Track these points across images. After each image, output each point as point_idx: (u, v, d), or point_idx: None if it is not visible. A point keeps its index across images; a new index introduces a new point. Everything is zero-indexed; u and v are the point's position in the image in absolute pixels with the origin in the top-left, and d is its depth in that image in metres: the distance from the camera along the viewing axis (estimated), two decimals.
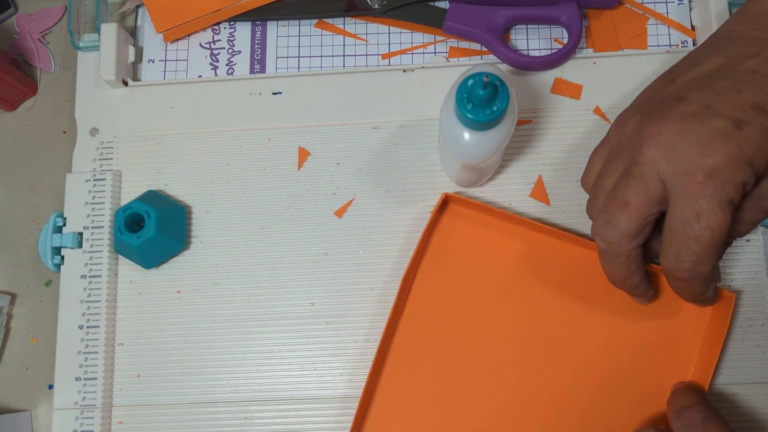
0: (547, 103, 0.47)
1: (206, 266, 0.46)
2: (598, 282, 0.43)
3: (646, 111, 0.36)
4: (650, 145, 0.35)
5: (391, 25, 0.50)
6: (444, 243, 0.45)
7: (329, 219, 0.46)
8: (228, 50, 0.50)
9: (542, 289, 0.44)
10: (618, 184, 0.36)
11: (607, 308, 0.44)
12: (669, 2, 0.49)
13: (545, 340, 0.43)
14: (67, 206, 0.47)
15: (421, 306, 0.44)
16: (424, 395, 0.43)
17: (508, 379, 0.43)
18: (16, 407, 0.47)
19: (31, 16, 0.54)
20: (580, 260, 0.44)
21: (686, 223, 0.34)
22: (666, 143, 0.34)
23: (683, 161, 0.33)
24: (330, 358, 0.45)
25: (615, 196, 0.36)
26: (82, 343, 0.45)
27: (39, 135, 0.52)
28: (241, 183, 0.47)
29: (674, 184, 0.34)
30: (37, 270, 0.49)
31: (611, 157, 0.38)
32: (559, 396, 0.43)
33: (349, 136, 0.47)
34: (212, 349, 0.45)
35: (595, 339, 0.43)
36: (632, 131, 0.36)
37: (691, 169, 0.33)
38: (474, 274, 0.44)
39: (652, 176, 0.35)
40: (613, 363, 0.43)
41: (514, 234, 0.45)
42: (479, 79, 0.35)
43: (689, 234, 0.34)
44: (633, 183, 0.35)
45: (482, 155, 0.38)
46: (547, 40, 0.49)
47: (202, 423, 0.44)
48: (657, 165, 0.34)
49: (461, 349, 0.44)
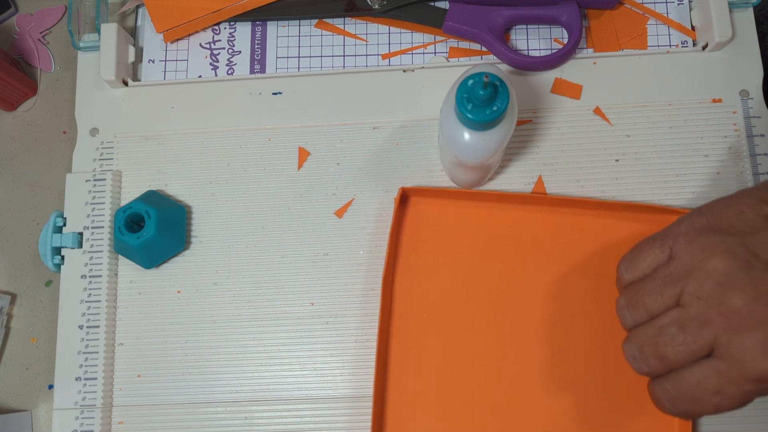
0: (547, 103, 0.47)
1: (206, 266, 0.46)
2: (577, 242, 0.44)
3: (751, 272, 0.32)
4: (754, 337, 0.32)
5: (391, 25, 0.50)
6: (415, 236, 0.45)
7: (329, 219, 0.46)
8: (228, 50, 0.50)
9: (520, 255, 0.45)
10: (670, 329, 0.34)
11: (594, 269, 0.44)
12: (669, 2, 0.49)
13: (535, 303, 0.44)
14: (67, 206, 0.47)
15: (409, 302, 0.45)
16: (433, 387, 0.43)
17: (508, 351, 0.44)
18: (16, 407, 0.47)
19: (31, 16, 0.54)
20: (550, 222, 0.45)
21: (704, 389, 0.33)
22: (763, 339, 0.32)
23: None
24: (330, 358, 0.45)
25: (658, 341, 0.34)
26: (82, 343, 0.45)
27: (39, 135, 0.52)
28: (241, 183, 0.47)
29: (725, 359, 0.33)
30: (37, 270, 0.49)
31: (673, 278, 0.35)
32: (561, 354, 0.43)
33: (349, 136, 0.47)
34: (212, 349, 0.45)
35: (585, 298, 0.44)
36: (737, 302, 0.32)
37: (749, 364, 0.32)
38: (453, 257, 0.45)
39: (734, 362, 0.32)
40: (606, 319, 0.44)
41: (482, 210, 0.45)
42: (479, 79, 0.35)
43: (696, 396, 0.33)
44: (691, 349, 0.33)
45: (482, 155, 0.38)
46: (547, 40, 0.49)
47: (202, 423, 0.44)
48: (747, 360, 0.32)
49: (460, 333, 0.44)
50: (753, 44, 0.47)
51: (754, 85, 0.46)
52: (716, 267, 0.33)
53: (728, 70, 0.47)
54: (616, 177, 0.46)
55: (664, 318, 0.34)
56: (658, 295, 0.35)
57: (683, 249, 0.35)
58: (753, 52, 0.47)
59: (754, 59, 0.47)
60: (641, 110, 0.47)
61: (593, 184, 0.46)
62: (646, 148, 0.46)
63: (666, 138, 0.46)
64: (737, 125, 0.46)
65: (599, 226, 0.45)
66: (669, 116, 0.46)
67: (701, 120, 0.46)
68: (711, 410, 0.34)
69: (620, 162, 0.46)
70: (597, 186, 0.46)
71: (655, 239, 0.37)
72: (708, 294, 0.33)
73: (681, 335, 0.33)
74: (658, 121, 0.46)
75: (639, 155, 0.46)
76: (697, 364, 0.34)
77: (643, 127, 0.46)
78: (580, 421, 0.43)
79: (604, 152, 0.46)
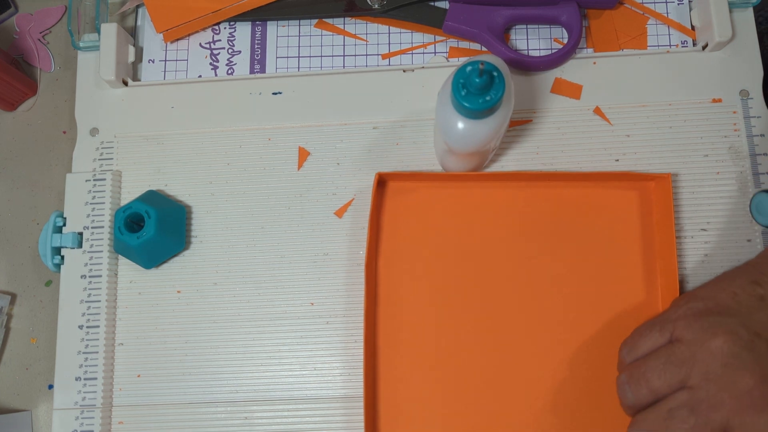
0: (547, 103, 0.47)
1: (206, 266, 0.46)
2: (558, 215, 0.45)
3: (756, 353, 0.33)
4: (767, 418, 0.32)
5: (391, 25, 0.50)
6: (396, 221, 0.45)
7: (329, 219, 0.46)
8: (228, 50, 0.50)
9: (501, 233, 0.45)
10: (681, 412, 0.34)
11: (577, 240, 0.44)
12: (669, 2, 0.49)
13: (520, 280, 0.44)
14: (67, 206, 0.47)
15: (395, 289, 0.45)
16: (423, 374, 0.43)
17: (496, 331, 0.44)
18: (16, 407, 0.47)
19: (31, 16, 0.54)
20: (529, 198, 0.45)
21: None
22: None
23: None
24: (330, 358, 0.45)
25: (669, 425, 0.34)
26: (82, 343, 0.45)
27: (39, 135, 0.52)
28: (241, 183, 0.47)
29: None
30: (37, 270, 0.49)
31: (677, 359, 0.35)
32: (553, 334, 0.44)
33: (349, 136, 0.47)
34: (212, 349, 0.45)
35: (570, 271, 0.44)
36: (747, 384, 0.33)
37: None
38: (436, 240, 0.45)
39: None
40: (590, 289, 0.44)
41: (461, 189, 0.45)
42: (476, 67, 0.35)
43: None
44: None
45: (472, 144, 0.38)
46: (547, 40, 0.49)
47: (202, 423, 0.44)
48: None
49: (447, 316, 0.44)
50: (753, 44, 0.47)
51: (754, 85, 0.46)
52: (721, 348, 0.33)
53: (728, 70, 0.47)
54: None
55: (672, 401, 0.34)
56: (661, 372, 0.35)
57: (684, 332, 0.35)
58: (753, 52, 0.47)
59: (754, 59, 0.47)
60: (641, 110, 0.47)
61: None
62: (646, 148, 0.46)
63: (666, 138, 0.46)
64: (737, 125, 0.46)
65: (578, 197, 0.45)
66: (669, 116, 0.46)
67: (701, 120, 0.46)
68: None
69: (620, 162, 0.46)
70: None
71: (654, 324, 0.37)
72: (718, 376, 0.33)
73: (692, 418, 0.33)
74: (658, 121, 0.46)
75: (639, 155, 0.46)
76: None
77: (643, 127, 0.46)
78: (573, 403, 0.43)
79: (604, 152, 0.46)
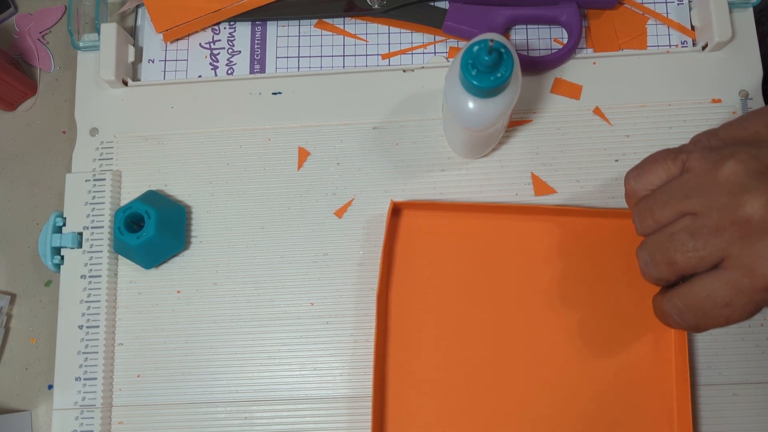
0: (547, 103, 0.47)
1: (206, 266, 0.46)
2: (570, 248, 0.44)
3: (765, 181, 0.32)
4: (766, 245, 0.31)
5: (391, 25, 0.50)
6: (409, 249, 0.45)
7: (329, 219, 0.46)
8: (228, 50, 0.50)
9: (513, 264, 0.45)
10: (681, 235, 0.33)
11: (588, 274, 0.44)
12: (669, 2, 0.49)
13: (531, 311, 0.44)
14: (67, 206, 0.47)
15: (405, 315, 0.44)
16: (432, 399, 0.43)
17: (505, 358, 0.44)
18: (16, 407, 0.47)
19: (31, 16, 0.54)
20: (542, 231, 0.45)
21: (714, 302, 0.33)
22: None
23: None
24: (330, 358, 0.45)
25: (669, 247, 0.34)
26: (82, 343, 0.45)
27: (39, 135, 0.52)
28: (241, 183, 0.47)
29: (735, 269, 0.32)
30: (37, 270, 0.49)
31: (685, 190, 0.34)
32: (558, 359, 0.44)
33: (349, 136, 0.47)
34: (212, 349, 0.45)
35: (580, 304, 0.44)
36: (750, 210, 0.32)
37: (759, 272, 0.31)
38: (448, 269, 0.45)
39: (741, 269, 0.32)
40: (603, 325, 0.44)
41: (475, 220, 0.45)
42: (484, 45, 0.35)
43: (706, 309, 0.33)
44: (701, 255, 0.33)
45: (486, 122, 0.38)
46: (547, 40, 0.49)
47: (202, 423, 0.44)
48: (758, 267, 0.32)
49: (457, 344, 0.44)
50: (753, 44, 0.47)
51: (753, 85, 0.46)
52: (728, 176, 0.33)
53: (728, 70, 0.47)
54: (616, 177, 0.46)
55: (676, 225, 0.34)
56: (667, 204, 0.34)
57: (697, 163, 0.34)
58: (753, 52, 0.47)
59: (753, 59, 0.47)
60: (641, 110, 0.47)
61: (593, 184, 0.46)
62: (645, 148, 0.46)
63: (666, 138, 0.46)
64: None
65: (592, 230, 0.45)
66: (669, 116, 0.46)
67: (701, 120, 0.46)
68: (721, 323, 0.33)
69: (620, 162, 0.46)
70: (597, 186, 0.46)
71: (669, 152, 0.36)
72: (721, 203, 0.33)
73: (692, 242, 0.33)
74: (657, 121, 0.46)
75: (639, 155, 0.46)
76: (707, 276, 0.33)
77: (643, 127, 0.46)
78: (581, 423, 0.43)
79: (604, 152, 0.46)
